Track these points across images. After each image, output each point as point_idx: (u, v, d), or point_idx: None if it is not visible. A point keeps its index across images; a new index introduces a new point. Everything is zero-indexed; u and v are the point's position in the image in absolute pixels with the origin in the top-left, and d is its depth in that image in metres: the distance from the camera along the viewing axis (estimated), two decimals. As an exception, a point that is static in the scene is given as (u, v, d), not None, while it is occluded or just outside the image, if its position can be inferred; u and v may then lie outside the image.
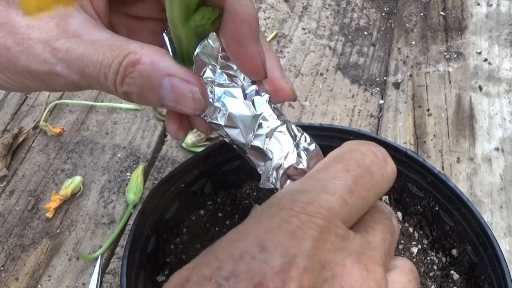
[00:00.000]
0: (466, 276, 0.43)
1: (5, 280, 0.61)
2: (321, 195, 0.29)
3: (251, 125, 0.37)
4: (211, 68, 0.37)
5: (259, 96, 0.37)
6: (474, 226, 0.42)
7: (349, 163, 0.31)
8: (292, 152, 0.37)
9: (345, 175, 0.30)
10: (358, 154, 0.32)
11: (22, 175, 0.70)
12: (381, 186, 0.32)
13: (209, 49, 0.37)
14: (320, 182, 0.30)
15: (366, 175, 0.31)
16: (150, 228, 0.45)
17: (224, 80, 0.37)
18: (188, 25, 0.35)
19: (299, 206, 0.28)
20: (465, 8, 0.87)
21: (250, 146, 0.37)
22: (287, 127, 0.37)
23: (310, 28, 0.85)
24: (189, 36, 0.36)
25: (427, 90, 0.76)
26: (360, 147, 0.32)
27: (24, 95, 0.78)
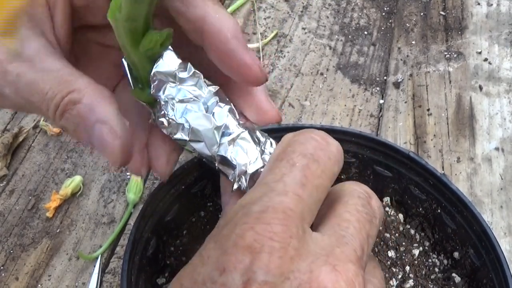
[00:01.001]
0: (467, 279, 0.43)
1: (5, 279, 0.61)
2: (273, 199, 0.28)
3: (213, 137, 0.37)
4: (170, 85, 0.37)
5: (220, 107, 0.38)
6: (476, 229, 0.42)
7: (292, 157, 0.30)
8: (257, 157, 0.37)
9: (291, 170, 0.30)
10: (298, 145, 0.31)
11: (22, 175, 0.69)
12: (331, 169, 0.31)
13: (165, 67, 0.37)
14: (269, 185, 0.29)
15: (312, 163, 0.30)
16: (150, 230, 0.45)
17: (184, 96, 0.37)
18: (138, 50, 0.35)
19: (253, 217, 0.27)
20: (465, 8, 0.87)
21: (217, 157, 0.37)
22: (249, 133, 0.38)
23: (310, 28, 0.85)
24: (142, 60, 0.36)
25: (427, 90, 0.76)
26: (298, 137, 0.32)
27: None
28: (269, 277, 0.25)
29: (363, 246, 0.29)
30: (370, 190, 0.33)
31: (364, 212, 0.31)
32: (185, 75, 0.38)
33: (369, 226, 0.30)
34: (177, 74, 0.37)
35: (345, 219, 0.30)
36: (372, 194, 0.33)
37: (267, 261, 0.25)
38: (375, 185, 0.50)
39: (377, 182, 0.50)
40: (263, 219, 0.27)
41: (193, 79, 0.38)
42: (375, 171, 0.49)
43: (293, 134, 0.33)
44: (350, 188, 0.32)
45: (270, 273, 0.25)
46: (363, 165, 0.49)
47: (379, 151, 0.48)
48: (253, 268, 0.25)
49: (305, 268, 0.26)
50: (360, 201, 0.31)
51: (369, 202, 0.32)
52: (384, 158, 0.48)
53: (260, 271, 0.25)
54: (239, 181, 0.37)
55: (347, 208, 0.31)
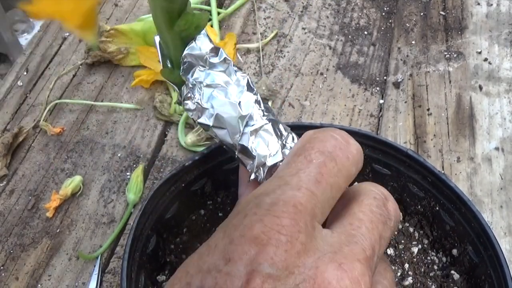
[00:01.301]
0: (466, 276, 0.43)
1: (5, 279, 0.61)
2: (286, 192, 0.28)
3: (237, 126, 0.37)
4: (199, 69, 0.38)
5: (247, 97, 0.38)
6: (474, 226, 0.42)
7: (310, 153, 0.31)
8: (277, 151, 0.37)
9: (308, 166, 0.30)
10: (318, 142, 0.31)
11: (22, 175, 0.70)
12: (349, 169, 0.31)
13: (197, 51, 0.37)
14: (284, 179, 0.29)
15: (330, 161, 0.30)
16: (150, 228, 0.45)
17: (212, 81, 0.38)
18: (173, 30, 0.36)
19: (264, 209, 0.27)
20: (465, 7, 0.87)
21: (237, 146, 0.37)
22: (272, 126, 0.38)
23: (310, 28, 0.85)
24: (175, 41, 0.37)
25: (427, 90, 0.76)
26: (318, 135, 0.32)
27: (24, 94, 0.78)
28: (273, 270, 0.25)
29: (374, 246, 0.29)
30: (387, 192, 0.33)
31: (379, 213, 0.31)
32: (216, 60, 0.38)
33: (382, 227, 0.30)
34: (208, 58, 0.38)
35: (358, 218, 0.30)
36: (389, 196, 0.33)
37: (273, 254, 0.25)
38: (374, 183, 0.50)
39: (376, 180, 0.49)
40: (273, 211, 0.27)
41: (223, 65, 0.38)
42: (373, 169, 0.49)
43: (313, 131, 0.33)
44: (366, 189, 0.32)
45: (275, 266, 0.25)
46: (362, 163, 0.49)
47: (378, 149, 0.48)
48: (258, 260, 0.25)
49: (311, 264, 0.26)
50: (376, 202, 0.31)
51: (384, 203, 0.32)
52: (382, 156, 0.48)
53: (265, 263, 0.25)
54: (257, 172, 0.37)
55: (361, 208, 0.30)
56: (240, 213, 0.28)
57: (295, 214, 0.27)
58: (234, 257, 0.26)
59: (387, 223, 0.31)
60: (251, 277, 0.25)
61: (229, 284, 0.25)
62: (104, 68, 0.81)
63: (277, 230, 0.26)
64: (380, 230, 0.30)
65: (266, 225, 0.26)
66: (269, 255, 0.25)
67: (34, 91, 0.79)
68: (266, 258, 0.25)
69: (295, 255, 0.26)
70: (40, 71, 0.81)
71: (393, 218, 0.32)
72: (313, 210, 0.28)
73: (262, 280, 0.25)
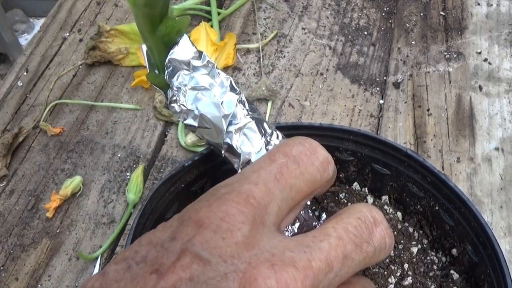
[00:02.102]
0: (466, 276, 0.43)
1: (5, 279, 0.61)
2: (243, 185, 0.29)
3: (221, 125, 0.38)
4: (184, 73, 0.39)
5: (230, 97, 0.39)
6: (474, 225, 0.42)
7: (274, 154, 0.31)
8: (261, 148, 0.38)
9: (269, 165, 0.30)
10: (284, 146, 0.32)
11: (22, 175, 0.70)
12: (313, 175, 0.31)
13: (180, 55, 0.39)
14: (244, 174, 0.30)
15: (292, 164, 0.30)
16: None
17: (196, 83, 0.39)
18: (155, 36, 0.37)
19: (216, 196, 0.28)
20: (465, 8, 0.87)
21: (223, 145, 0.38)
22: (256, 124, 0.39)
23: (310, 28, 0.85)
24: (158, 46, 0.38)
25: (427, 90, 0.76)
26: (287, 141, 0.32)
27: (24, 94, 0.78)
28: (205, 253, 0.26)
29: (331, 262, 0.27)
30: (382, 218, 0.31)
31: (353, 233, 0.29)
32: (199, 63, 0.39)
33: (351, 248, 0.29)
34: (191, 62, 0.39)
35: (326, 233, 0.29)
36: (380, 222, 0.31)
37: (209, 237, 0.26)
38: (373, 183, 0.50)
39: (376, 180, 0.50)
40: (223, 199, 0.28)
41: (207, 68, 0.39)
42: (373, 169, 0.49)
43: (285, 140, 0.34)
44: (356, 208, 0.31)
45: (207, 250, 0.26)
46: (361, 163, 0.49)
47: (377, 149, 0.48)
48: (193, 241, 0.26)
49: (245, 258, 0.26)
50: (356, 222, 0.30)
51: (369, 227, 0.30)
52: (382, 156, 0.48)
53: (198, 244, 0.26)
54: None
55: (336, 224, 0.30)
56: (196, 200, 0.29)
57: (244, 205, 0.27)
58: (177, 236, 0.27)
59: (362, 247, 0.29)
60: (182, 255, 0.26)
61: (165, 259, 0.26)
62: (104, 68, 0.81)
63: (220, 216, 0.27)
64: (347, 250, 0.28)
65: (211, 210, 0.27)
66: (205, 238, 0.26)
67: (34, 91, 0.79)
68: (201, 240, 0.26)
69: (233, 245, 0.26)
70: (40, 71, 0.81)
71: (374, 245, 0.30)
72: (267, 207, 0.28)
73: (191, 260, 0.25)
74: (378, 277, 0.43)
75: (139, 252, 0.27)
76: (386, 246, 0.31)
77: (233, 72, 0.79)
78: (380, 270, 0.44)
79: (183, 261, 0.25)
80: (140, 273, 0.26)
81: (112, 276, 0.27)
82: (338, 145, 0.49)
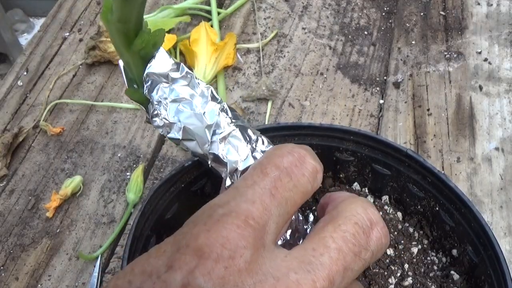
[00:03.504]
0: (466, 276, 0.43)
1: (5, 279, 0.61)
2: (240, 205, 0.28)
3: (205, 135, 0.38)
4: (163, 86, 0.38)
5: (211, 106, 0.38)
6: (474, 226, 0.42)
7: (266, 167, 0.30)
8: (247, 155, 0.37)
9: (263, 179, 0.30)
10: (275, 157, 0.31)
11: (22, 175, 0.70)
12: (304, 186, 0.31)
13: (158, 68, 0.38)
14: (239, 190, 0.29)
15: (285, 176, 0.30)
16: (150, 228, 0.45)
17: (176, 96, 0.38)
18: (131, 50, 0.36)
19: (214, 219, 0.27)
20: (465, 7, 0.87)
21: (209, 155, 0.38)
22: (241, 131, 0.38)
23: (310, 28, 0.85)
24: (135, 60, 0.37)
25: (427, 90, 0.76)
26: (276, 151, 0.32)
27: (24, 94, 0.78)
28: (208, 285, 0.25)
29: (333, 278, 0.27)
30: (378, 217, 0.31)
31: (352, 242, 0.29)
32: (177, 75, 0.38)
33: (351, 259, 0.28)
34: (170, 74, 0.38)
35: (325, 245, 0.28)
36: (376, 223, 0.31)
37: (211, 268, 0.25)
38: (373, 184, 0.50)
39: (376, 181, 0.50)
40: (222, 223, 0.26)
41: (186, 79, 0.39)
42: (373, 169, 0.49)
43: (273, 148, 0.33)
44: (352, 211, 0.31)
45: (210, 282, 0.25)
46: (361, 163, 0.49)
47: (378, 149, 0.48)
48: (195, 273, 0.25)
49: (249, 286, 0.25)
50: (354, 229, 0.30)
51: (366, 231, 0.30)
52: (382, 156, 0.48)
53: (201, 278, 0.25)
54: (232, 178, 0.37)
55: (334, 233, 0.29)
56: (192, 222, 0.28)
57: (245, 228, 0.26)
58: (175, 265, 0.25)
59: (361, 255, 0.29)
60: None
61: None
62: (104, 68, 0.81)
63: (221, 243, 0.26)
64: (348, 261, 0.28)
65: (211, 237, 0.26)
66: (207, 269, 0.25)
67: (34, 91, 0.79)
68: (204, 272, 0.25)
69: (236, 273, 0.25)
70: (40, 71, 0.81)
71: (372, 249, 0.30)
72: (265, 226, 0.28)
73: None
74: (378, 277, 0.43)
75: (133, 283, 0.26)
76: (382, 247, 0.31)
77: (233, 72, 0.79)
78: (380, 270, 0.44)
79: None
80: None
81: None
82: (338, 145, 0.49)
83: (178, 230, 0.28)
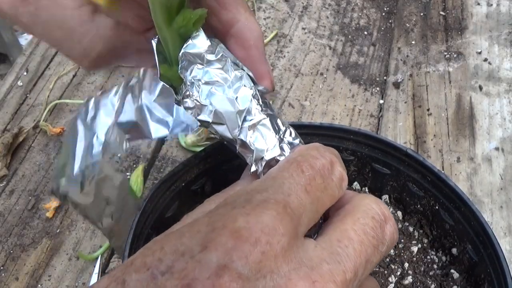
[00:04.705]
0: (466, 275, 0.43)
1: (5, 279, 0.61)
2: (278, 193, 0.28)
3: (236, 121, 0.38)
4: (197, 67, 0.38)
5: (244, 92, 0.38)
6: (474, 224, 0.42)
7: (302, 165, 0.31)
8: (275, 145, 0.37)
9: (299, 175, 0.30)
10: (310, 158, 0.32)
11: (22, 175, 0.70)
12: (333, 189, 0.31)
13: (195, 48, 0.38)
14: (278, 181, 0.29)
15: (318, 177, 0.31)
16: (150, 227, 0.45)
17: (210, 78, 0.38)
18: (171, 27, 0.37)
19: (254, 204, 0.27)
20: (465, 8, 0.87)
21: (237, 141, 0.38)
22: (270, 120, 0.38)
23: (310, 28, 0.85)
24: (173, 38, 0.37)
25: (427, 90, 0.76)
26: (311, 152, 0.32)
27: (24, 94, 0.78)
28: (245, 270, 0.24)
29: (357, 270, 0.28)
30: (389, 213, 0.32)
31: (371, 235, 0.30)
32: (213, 57, 0.38)
33: (371, 252, 0.29)
34: (205, 56, 0.38)
35: (348, 236, 0.29)
36: (389, 218, 0.32)
37: (248, 252, 0.25)
38: (373, 183, 0.50)
39: (376, 180, 0.50)
40: (262, 207, 0.26)
41: (221, 62, 0.38)
42: (373, 168, 0.49)
43: (306, 147, 0.34)
44: (367, 206, 0.31)
45: (248, 266, 0.24)
46: (361, 162, 0.49)
47: (377, 148, 0.48)
48: (232, 255, 0.24)
49: (284, 273, 0.25)
50: (372, 223, 0.30)
51: (382, 226, 0.31)
52: (382, 155, 0.48)
53: (238, 261, 0.24)
54: (257, 165, 0.37)
55: (355, 226, 0.30)
56: (229, 204, 0.28)
57: (284, 214, 0.27)
58: (211, 246, 0.25)
59: (379, 248, 0.30)
60: (221, 273, 0.24)
61: (197, 272, 0.24)
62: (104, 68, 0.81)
63: (260, 228, 0.25)
64: (368, 254, 0.29)
65: (250, 221, 0.26)
66: (244, 253, 0.25)
67: (34, 91, 0.79)
68: (241, 256, 0.24)
69: (272, 259, 0.25)
70: (40, 71, 0.81)
71: (387, 243, 0.31)
72: (300, 218, 0.28)
73: (231, 279, 0.24)
74: (378, 276, 0.43)
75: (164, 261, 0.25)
76: (394, 242, 0.32)
77: (233, 72, 0.79)
78: (380, 269, 0.44)
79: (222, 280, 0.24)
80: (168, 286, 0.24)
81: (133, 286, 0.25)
82: (338, 144, 0.49)
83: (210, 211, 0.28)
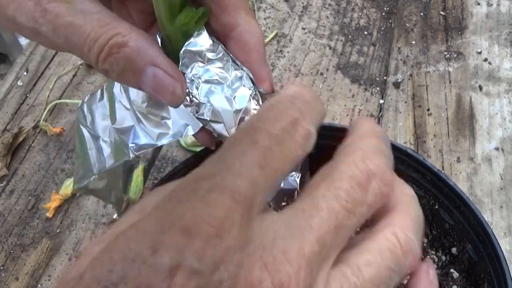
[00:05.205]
0: (465, 275, 0.43)
1: (5, 279, 0.61)
2: (226, 178, 0.26)
3: (232, 120, 0.38)
4: (198, 65, 0.39)
5: (243, 92, 0.39)
6: (474, 224, 0.42)
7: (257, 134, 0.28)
8: None
9: (252, 149, 0.28)
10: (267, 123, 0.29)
11: (22, 175, 0.70)
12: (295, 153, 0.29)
13: (196, 46, 0.39)
14: (226, 162, 0.27)
15: (275, 146, 0.28)
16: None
17: (210, 76, 0.39)
18: (174, 24, 0.37)
19: (199, 195, 0.25)
20: (465, 7, 0.87)
21: None
22: None
23: (310, 28, 0.85)
24: (176, 35, 0.38)
25: (427, 90, 0.76)
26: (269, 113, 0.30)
27: (24, 94, 0.78)
28: (200, 265, 0.23)
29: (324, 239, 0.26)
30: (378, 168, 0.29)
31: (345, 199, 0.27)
32: (214, 56, 0.39)
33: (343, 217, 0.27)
34: (206, 54, 0.39)
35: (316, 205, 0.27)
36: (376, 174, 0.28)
37: (200, 247, 0.24)
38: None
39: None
40: (207, 199, 0.25)
41: (221, 61, 0.39)
42: (373, 168, 0.49)
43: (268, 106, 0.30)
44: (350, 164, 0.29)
45: (202, 261, 0.23)
46: (361, 162, 0.49)
47: (377, 148, 0.48)
48: (184, 253, 0.24)
49: (237, 260, 0.24)
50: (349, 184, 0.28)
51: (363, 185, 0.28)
52: (382, 155, 0.48)
53: (191, 257, 0.23)
54: None
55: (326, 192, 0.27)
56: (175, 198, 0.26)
57: (230, 204, 0.25)
58: (161, 248, 0.24)
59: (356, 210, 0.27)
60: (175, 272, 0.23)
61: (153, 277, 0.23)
62: (104, 69, 0.81)
63: (208, 221, 0.24)
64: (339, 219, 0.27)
65: (197, 215, 0.25)
66: (196, 248, 0.24)
67: (34, 91, 0.79)
68: (193, 251, 0.24)
69: (224, 250, 0.24)
70: (40, 71, 0.81)
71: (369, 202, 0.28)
72: (252, 199, 0.26)
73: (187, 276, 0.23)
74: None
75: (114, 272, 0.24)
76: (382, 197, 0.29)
77: (233, 72, 0.79)
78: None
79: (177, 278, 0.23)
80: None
81: None
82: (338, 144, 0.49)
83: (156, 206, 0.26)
